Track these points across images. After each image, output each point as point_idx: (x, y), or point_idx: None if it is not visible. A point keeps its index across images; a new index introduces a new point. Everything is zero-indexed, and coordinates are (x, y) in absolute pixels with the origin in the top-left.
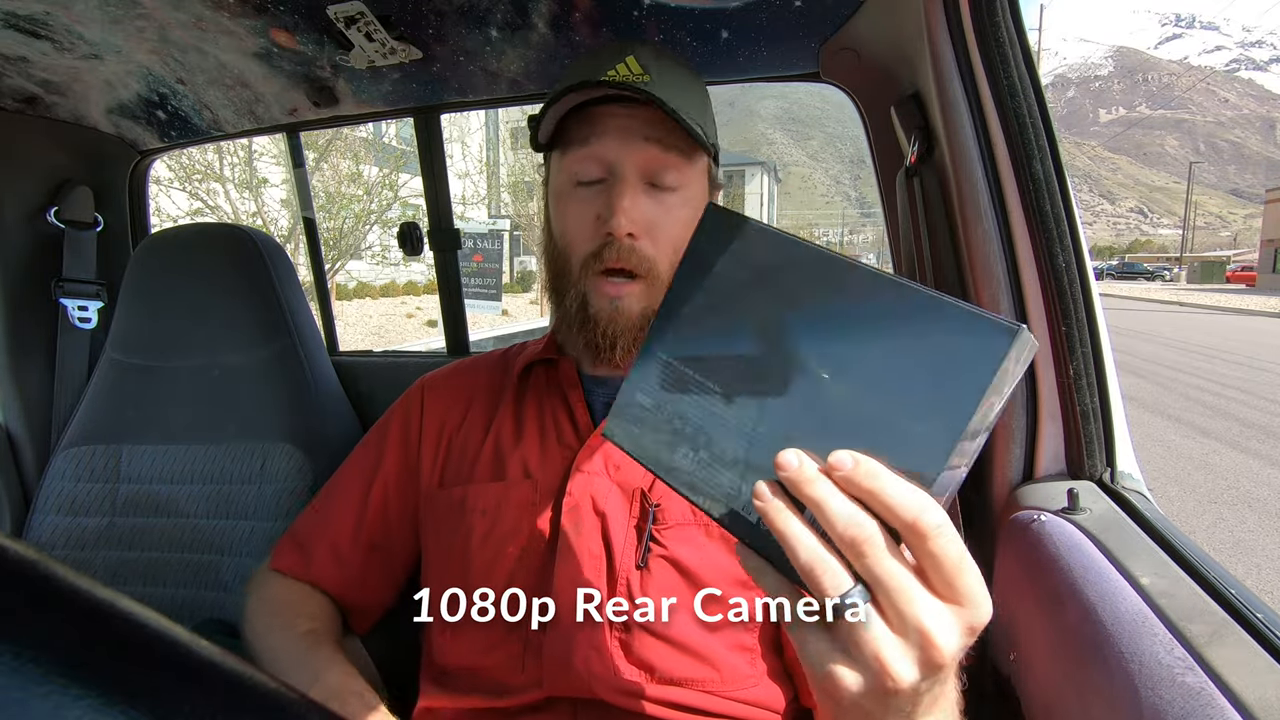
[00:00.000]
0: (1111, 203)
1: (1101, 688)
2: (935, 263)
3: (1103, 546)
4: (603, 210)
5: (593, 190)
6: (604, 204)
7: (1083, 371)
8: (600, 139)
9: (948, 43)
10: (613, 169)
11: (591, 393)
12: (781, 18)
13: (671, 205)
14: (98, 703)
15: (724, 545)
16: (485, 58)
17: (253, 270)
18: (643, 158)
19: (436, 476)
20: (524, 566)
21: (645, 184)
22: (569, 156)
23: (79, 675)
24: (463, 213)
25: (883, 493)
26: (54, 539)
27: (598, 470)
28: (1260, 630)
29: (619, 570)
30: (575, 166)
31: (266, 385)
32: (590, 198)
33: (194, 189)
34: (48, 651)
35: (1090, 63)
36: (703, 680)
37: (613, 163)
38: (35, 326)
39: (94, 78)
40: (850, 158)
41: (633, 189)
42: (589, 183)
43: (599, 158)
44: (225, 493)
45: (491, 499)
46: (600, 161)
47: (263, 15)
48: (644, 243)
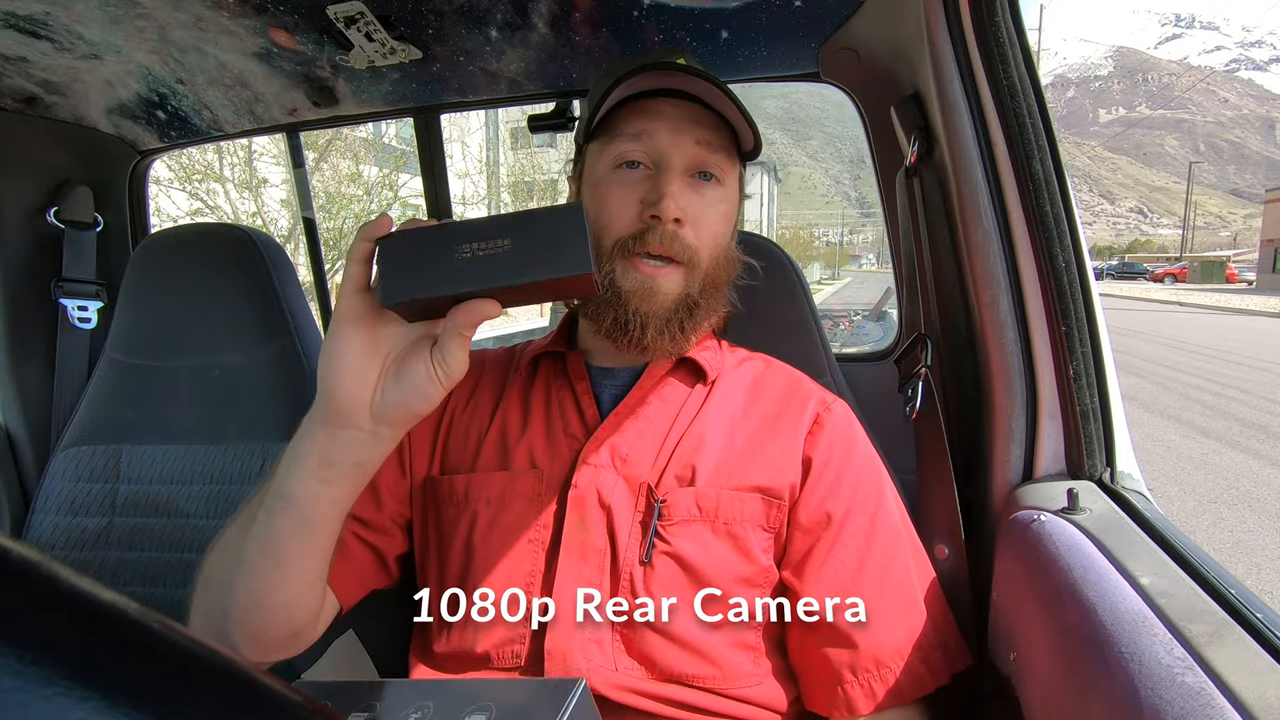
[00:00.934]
0: (1111, 203)
1: (1101, 687)
2: (935, 263)
3: (1102, 546)
4: (647, 195)
5: (635, 177)
6: (649, 189)
7: (1083, 371)
8: (651, 130)
9: (948, 43)
10: (661, 159)
11: (599, 385)
12: (781, 18)
13: (713, 200)
14: (101, 704)
15: (729, 542)
16: (485, 58)
17: (253, 270)
18: (693, 151)
19: (437, 464)
20: (528, 558)
21: (690, 175)
22: (615, 144)
23: (82, 677)
24: (462, 213)
25: None
26: (53, 539)
27: (604, 463)
28: (1260, 630)
29: (623, 565)
30: (620, 154)
31: (266, 385)
32: (633, 183)
33: (194, 189)
34: (50, 653)
35: (1090, 63)
36: (704, 678)
37: (663, 152)
38: (35, 326)
39: (94, 78)
40: (850, 158)
41: (680, 178)
42: (631, 165)
43: (648, 148)
44: (225, 493)
45: (496, 488)
46: (649, 152)
47: (262, 15)
48: (687, 230)
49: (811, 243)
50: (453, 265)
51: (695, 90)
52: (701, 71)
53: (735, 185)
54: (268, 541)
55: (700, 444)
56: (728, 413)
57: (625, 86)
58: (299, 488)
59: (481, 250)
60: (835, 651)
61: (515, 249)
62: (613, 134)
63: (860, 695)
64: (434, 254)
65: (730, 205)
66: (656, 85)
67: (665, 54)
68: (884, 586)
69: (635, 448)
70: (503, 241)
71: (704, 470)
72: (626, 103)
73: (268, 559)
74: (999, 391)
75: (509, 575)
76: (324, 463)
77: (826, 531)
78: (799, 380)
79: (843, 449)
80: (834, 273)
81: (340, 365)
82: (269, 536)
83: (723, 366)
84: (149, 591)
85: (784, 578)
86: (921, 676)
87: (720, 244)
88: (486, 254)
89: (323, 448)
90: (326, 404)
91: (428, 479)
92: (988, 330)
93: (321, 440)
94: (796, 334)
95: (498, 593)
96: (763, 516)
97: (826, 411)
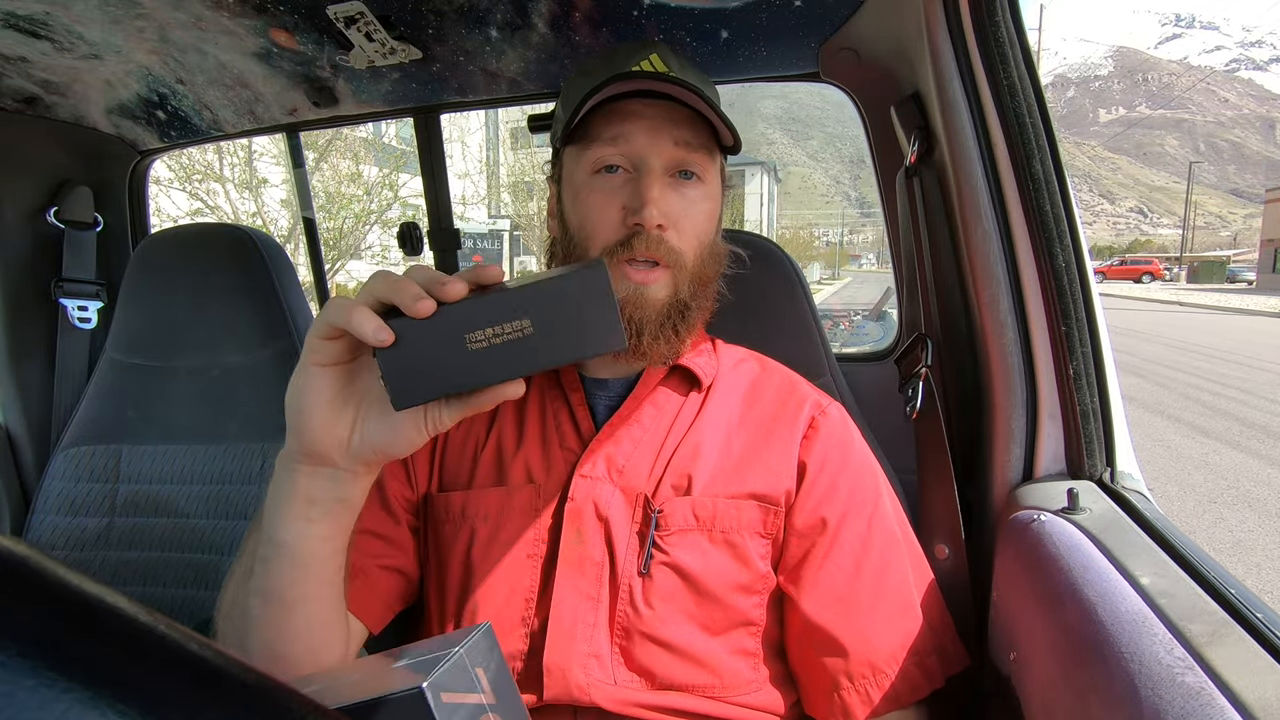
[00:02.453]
0: (1111, 203)
1: (1101, 687)
2: (935, 263)
3: (1102, 546)
4: (629, 201)
5: (615, 182)
6: (630, 195)
7: (1083, 371)
8: (628, 133)
9: (947, 43)
10: (639, 162)
11: (594, 396)
12: (781, 18)
13: (694, 199)
14: (84, 696)
15: (728, 551)
16: (485, 58)
17: (253, 270)
18: (670, 152)
19: (435, 480)
20: (526, 573)
21: (670, 175)
22: (592, 149)
23: (66, 670)
24: (463, 213)
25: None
26: (53, 539)
27: (600, 475)
28: (1260, 630)
29: (621, 577)
30: (598, 158)
31: (266, 385)
32: (614, 189)
33: (194, 189)
34: (35, 647)
35: (1090, 63)
36: (703, 686)
37: (640, 156)
38: (35, 326)
39: (94, 78)
40: (850, 158)
41: (660, 181)
42: (611, 174)
43: (626, 151)
44: (225, 493)
45: (494, 505)
46: (627, 155)
47: (263, 15)
48: (671, 234)
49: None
50: (467, 356)
51: (670, 89)
52: (673, 77)
53: (716, 181)
54: (269, 591)
55: (696, 453)
56: (723, 420)
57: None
58: (286, 531)
59: (498, 336)
60: (831, 659)
61: (537, 330)
62: (590, 138)
63: (856, 701)
64: (443, 348)
65: (713, 202)
66: (631, 87)
67: (636, 50)
68: (880, 591)
69: (631, 458)
70: (521, 323)
71: (700, 479)
72: (602, 104)
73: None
74: (999, 391)
75: (508, 591)
76: (307, 501)
77: (822, 537)
78: (794, 383)
79: (838, 453)
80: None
81: (311, 407)
82: (269, 586)
83: (717, 371)
84: (149, 591)
85: (780, 583)
86: (917, 681)
87: (705, 242)
88: (505, 339)
89: (303, 488)
90: (298, 445)
91: (427, 495)
92: (988, 330)
93: (301, 480)
94: (796, 334)
95: (497, 609)
96: (760, 523)
97: (822, 415)
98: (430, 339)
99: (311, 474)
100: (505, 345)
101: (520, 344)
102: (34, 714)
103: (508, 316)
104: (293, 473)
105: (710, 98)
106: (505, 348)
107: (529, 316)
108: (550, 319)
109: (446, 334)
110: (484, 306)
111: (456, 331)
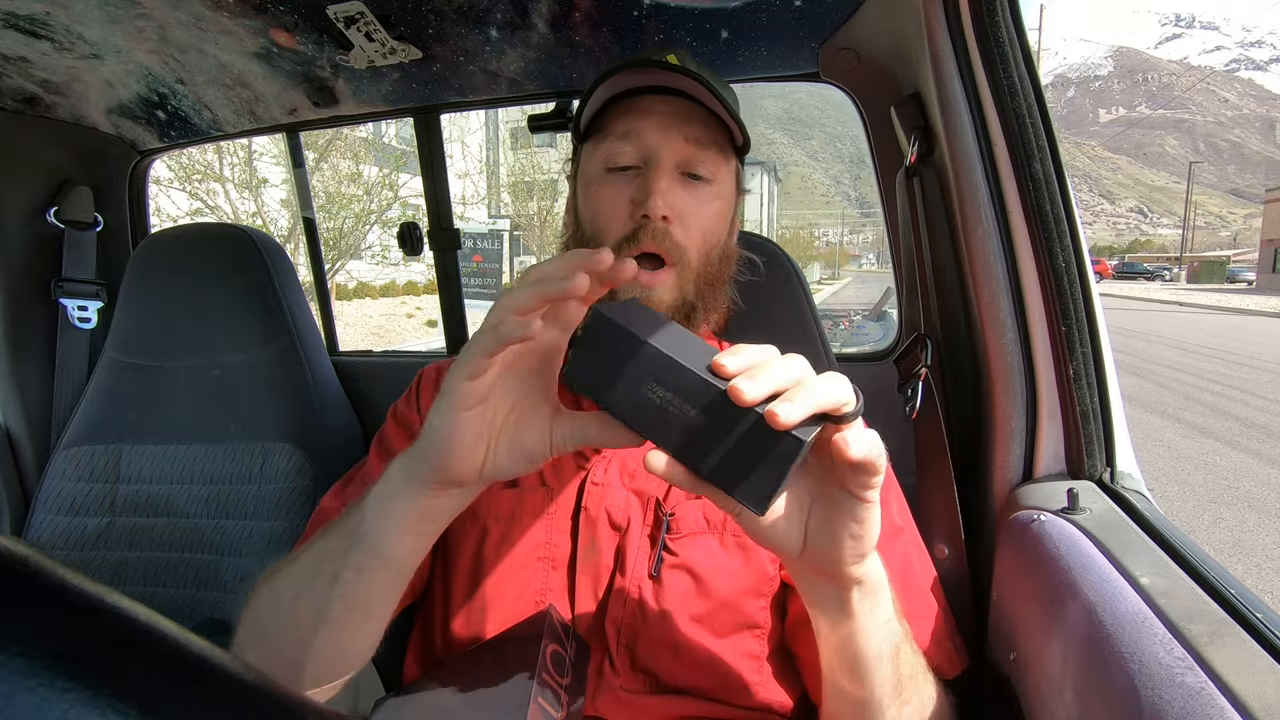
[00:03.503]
0: (1111, 203)
1: (1101, 687)
2: (935, 263)
3: (1102, 546)
4: (637, 194)
5: (626, 176)
6: (639, 188)
7: (1083, 371)
8: (640, 128)
9: (947, 43)
10: (650, 156)
11: None
12: (781, 18)
13: (704, 197)
14: (84, 696)
15: (739, 552)
16: (485, 58)
17: (253, 270)
18: (681, 148)
19: None
20: (537, 575)
21: (680, 173)
22: (606, 144)
23: (66, 670)
24: (463, 213)
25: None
26: (54, 539)
27: (613, 481)
28: (1260, 630)
29: (631, 580)
30: (611, 153)
31: (266, 385)
32: (624, 183)
33: (194, 189)
34: (35, 647)
35: (1090, 63)
36: (708, 688)
37: (651, 150)
38: (35, 326)
39: (94, 78)
40: (850, 158)
41: (669, 175)
42: (623, 169)
43: (638, 145)
44: (225, 493)
45: (506, 505)
46: (638, 149)
47: (263, 15)
48: (676, 228)
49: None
50: (637, 395)
51: (684, 86)
52: (686, 69)
53: (729, 182)
54: (358, 598)
55: None
56: None
57: (611, 83)
58: (398, 545)
59: (671, 406)
60: None
61: (705, 436)
62: (604, 133)
63: None
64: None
65: (724, 202)
66: (646, 82)
67: (657, 52)
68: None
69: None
70: (694, 413)
71: None
72: (618, 101)
73: (359, 614)
74: (999, 391)
75: (518, 592)
76: (428, 518)
77: None
78: None
79: None
80: (834, 272)
81: (455, 446)
82: (360, 594)
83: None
84: (149, 591)
85: (783, 577)
86: (938, 663)
87: (712, 241)
88: (673, 412)
89: (427, 507)
90: (434, 475)
91: None
92: (988, 330)
93: (426, 500)
94: (796, 334)
95: (505, 609)
96: None
97: None
98: (625, 353)
99: (438, 495)
100: (671, 417)
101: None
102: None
103: (688, 397)
104: (417, 494)
105: (723, 95)
106: (670, 417)
107: (705, 415)
108: (721, 437)
109: (641, 360)
110: (677, 368)
111: (647, 369)
